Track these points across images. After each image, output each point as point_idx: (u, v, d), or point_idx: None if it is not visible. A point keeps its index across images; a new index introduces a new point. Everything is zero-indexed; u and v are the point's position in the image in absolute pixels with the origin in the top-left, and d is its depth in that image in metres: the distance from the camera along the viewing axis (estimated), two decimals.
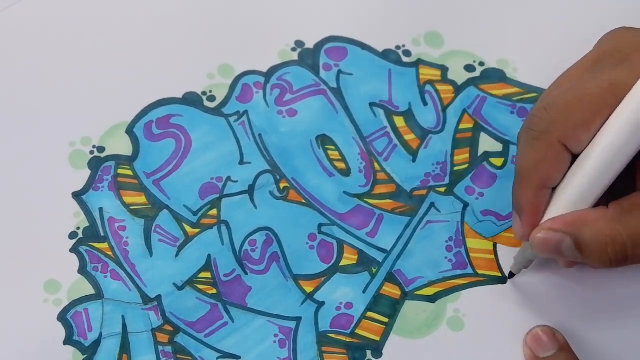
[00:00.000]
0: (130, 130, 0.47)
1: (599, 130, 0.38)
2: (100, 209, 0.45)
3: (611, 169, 0.38)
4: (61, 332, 0.42)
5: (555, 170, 0.39)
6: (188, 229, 0.45)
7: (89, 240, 0.44)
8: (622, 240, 0.38)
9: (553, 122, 0.39)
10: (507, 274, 0.44)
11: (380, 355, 0.43)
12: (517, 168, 0.41)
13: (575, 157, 0.39)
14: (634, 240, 0.38)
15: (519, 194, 0.41)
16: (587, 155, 0.39)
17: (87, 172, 0.46)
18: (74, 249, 0.44)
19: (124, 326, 0.43)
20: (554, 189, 0.40)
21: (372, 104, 0.48)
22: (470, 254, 0.45)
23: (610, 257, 0.38)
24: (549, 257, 0.41)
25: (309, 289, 0.44)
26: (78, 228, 0.45)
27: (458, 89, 0.49)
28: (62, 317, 0.43)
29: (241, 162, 0.46)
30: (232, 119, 0.48)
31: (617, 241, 0.38)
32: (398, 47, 0.50)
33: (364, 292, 0.44)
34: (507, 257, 0.45)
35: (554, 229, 0.39)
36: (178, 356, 0.42)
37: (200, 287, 0.44)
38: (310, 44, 0.50)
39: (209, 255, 0.44)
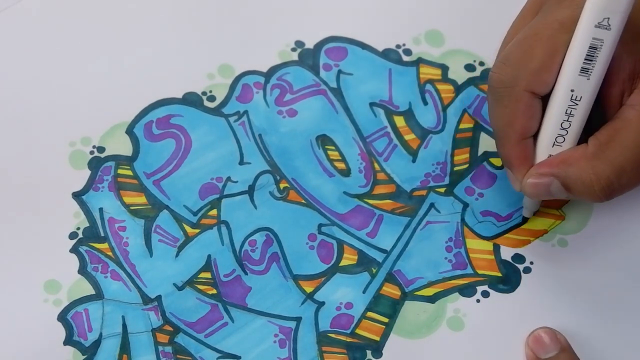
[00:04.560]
0: (130, 130, 0.47)
1: (560, 69, 0.39)
2: (100, 209, 0.45)
3: (584, 103, 0.39)
4: (61, 332, 0.42)
5: (530, 120, 0.40)
6: (188, 229, 0.45)
7: (89, 241, 0.44)
8: (606, 175, 0.39)
9: (515, 74, 0.39)
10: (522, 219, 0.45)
11: (380, 355, 0.43)
12: (494, 128, 0.41)
13: (545, 98, 0.40)
14: (616, 172, 0.39)
15: (504, 152, 0.41)
16: (554, 94, 0.39)
17: (87, 172, 0.46)
18: (74, 249, 0.44)
19: (124, 326, 0.43)
20: (534, 135, 0.41)
21: (372, 104, 0.48)
22: (470, 254, 0.45)
23: (598, 194, 0.39)
24: (543, 199, 0.42)
25: (309, 289, 0.44)
26: (78, 228, 0.45)
27: (458, 88, 0.49)
28: (62, 317, 0.43)
29: (241, 162, 0.46)
30: (232, 119, 0.48)
31: (602, 177, 0.39)
32: (398, 46, 0.50)
33: (364, 292, 0.44)
34: (507, 257, 0.45)
35: (541, 173, 0.40)
36: (178, 356, 0.42)
37: (200, 287, 0.44)
38: (310, 44, 0.50)
39: (209, 256, 0.44)
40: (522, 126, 0.40)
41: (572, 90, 0.39)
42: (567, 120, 0.39)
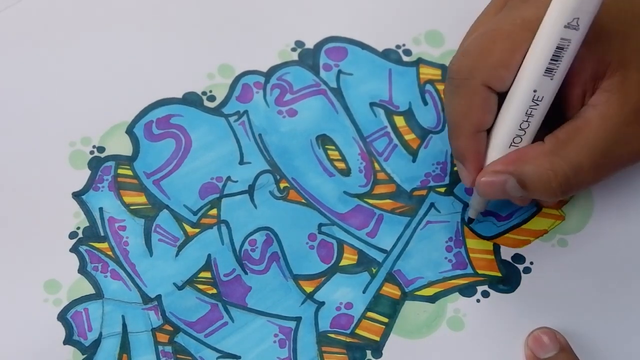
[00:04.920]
0: (130, 130, 0.47)
1: (519, 67, 0.39)
2: (100, 209, 0.45)
3: (543, 105, 0.39)
4: (61, 332, 0.42)
5: (485, 113, 0.40)
6: (188, 228, 0.45)
7: (89, 240, 0.44)
8: (563, 171, 0.38)
9: (473, 66, 0.39)
10: (467, 221, 0.45)
11: (380, 355, 0.43)
12: (449, 119, 0.41)
13: (501, 95, 0.40)
14: (574, 169, 0.39)
15: (457, 144, 0.41)
16: (514, 93, 0.39)
17: (87, 172, 0.46)
18: (74, 249, 0.44)
19: (124, 326, 0.43)
20: (488, 131, 0.40)
21: (372, 104, 0.48)
22: (470, 254, 0.45)
23: (555, 190, 0.39)
24: (497, 198, 0.42)
25: (309, 289, 0.44)
26: (78, 228, 0.45)
27: None
28: (62, 316, 0.43)
29: (241, 162, 0.46)
30: (232, 119, 0.48)
31: (559, 173, 0.38)
32: (398, 47, 0.50)
33: (364, 292, 0.44)
34: (507, 257, 0.45)
35: (496, 170, 0.40)
36: (178, 356, 0.42)
37: (200, 286, 0.44)
38: (310, 44, 0.50)
39: (209, 255, 0.44)
40: (477, 119, 0.40)
41: (534, 91, 0.38)
42: (527, 121, 0.39)
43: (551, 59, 0.37)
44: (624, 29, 0.39)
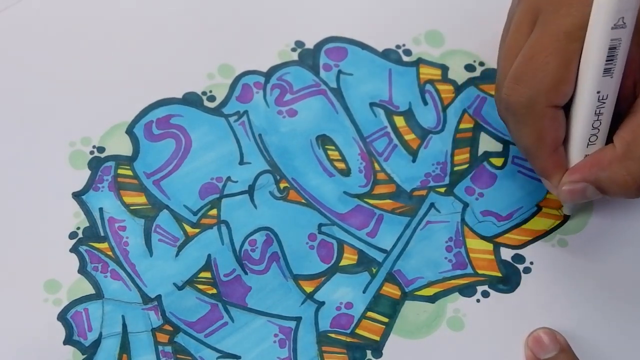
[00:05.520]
0: (130, 130, 0.47)
1: (576, 77, 0.39)
2: (100, 209, 0.45)
3: (608, 104, 0.40)
4: (61, 332, 0.42)
5: (558, 131, 0.40)
6: (188, 228, 0.45)
7: (89, 240, 0.44)
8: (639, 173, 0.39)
9: (533, 93, 0.39)
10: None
11: (380, 355, 0.43)
12: (522, 146, 0.42)
13: (567, 106, 0.40)
14: None
15: (538, 165, 0.42)
16: (579, 99, 0.40)
17: (87, 172, 0.46)
18: (74, 249, 0.44)
19: (124, 326, 0.43)
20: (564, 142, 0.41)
21: (372, 104, 0.48)
22: (470, 254, 0.45)
23: (635, 192, 0.39)
24: (581, 202, 0.43)
25: (309, 289, 0.44)
26: (78, 228, 0.45)
27: (458, 88, 0.49)
28: (62, 316, 0.43)
29: (241, 162, 0.46)
30: (232, 119, 0.48)
31: (636, 176, 0.39)
32: (398, 47, 0.50)
33: (364, 292, 0.44)
34: (507, 257, 0.45)
35: (573, 180, 0.41)
36: (178, 356, 0.42)
37: (200, 287, 0.44)
38: (310, 44, 0.50)
39: (209, 255, 0.44)
40: (552, 140, 0.41)
41: (598, 92, 0.39)
42: (598, 120, 0.40)
43: (607, 60, 0.38)
44: None
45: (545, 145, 0.41)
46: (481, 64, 0.49)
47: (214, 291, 0.43)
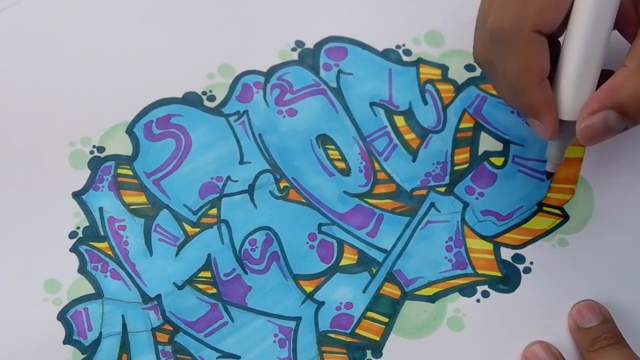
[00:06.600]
0: (130, 130, 0.47)
1: (564, 4, 0.38)
2: (100, 209, 0.45)
3: (604, 30, 0.38)
4: (61, 332, 0.42)
5: (545, 59, 0.39)
6: (188, 228, 0.45)
7: (88, 240, 0.44)
8: None
9: (518, 16, 0.38)
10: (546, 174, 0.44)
11: (380, 355, 0.43)
12: (508, 78, 0.40)
13: (550, 36, 0.39)
14: None
15: (524, 99, 0.40)
16: (575, 29, 0.38)
17: (87, 172, 0.46)
18: (73, 249, 0.44)
19: (124, 325, 0.43)
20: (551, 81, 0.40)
21: (372, 104, 0.48)
22: (470, 254, 0.45)
23: None
24: (602, 140, 0.39)
25: (309, 289, 0.44)
26: (78, 228, 0.45)
27: (458, 88, 0.49)
28: (62, 316, 0.43)
29: (241, 162, 0.46)
30: (232, 119, 0.48)
31: None
32: (398, 47, 0.50)
33: (364, 292, 0.44)
34: (507, 257, 0.45)
35: (592, 111, 0.38)
36: (178, 356, 0.42)
37: (200, 286, 0.44)
38: (310, 44, 0.50)
39: (209, 255, 0.44)
40: (539, 67, 0.39)
41: (595, 18, 0.37)
42: (596, 46, 0.38)
43: None
44: None
45: (533, 74, 0.39)
46: None
47: (214, 291, 0.43)
